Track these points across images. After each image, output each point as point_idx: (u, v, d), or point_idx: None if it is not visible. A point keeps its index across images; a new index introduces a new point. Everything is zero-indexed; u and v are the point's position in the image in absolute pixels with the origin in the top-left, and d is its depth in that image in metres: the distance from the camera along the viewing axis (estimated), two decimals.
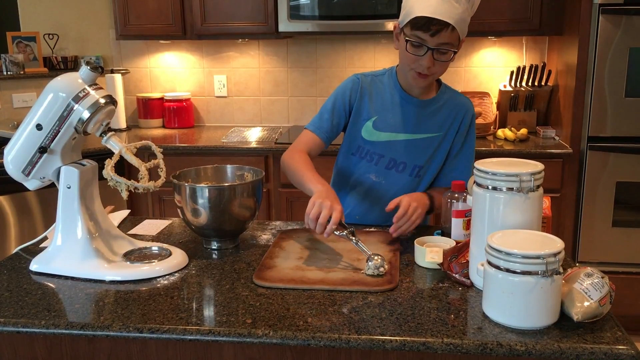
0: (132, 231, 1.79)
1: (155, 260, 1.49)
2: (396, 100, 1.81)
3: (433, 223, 2.04)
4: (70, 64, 3.83)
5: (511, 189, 1.25)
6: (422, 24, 1.60)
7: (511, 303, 1.16)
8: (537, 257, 1.13)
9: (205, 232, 1.62)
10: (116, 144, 1.47)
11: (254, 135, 3.48)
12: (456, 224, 1.58)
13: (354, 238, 1.52)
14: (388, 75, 1.85)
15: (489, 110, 3.50)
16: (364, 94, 1.83)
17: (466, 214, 1.55)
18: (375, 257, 1.43)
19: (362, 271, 1.44)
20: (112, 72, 3.76)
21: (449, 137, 1.82)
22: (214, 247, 1.64)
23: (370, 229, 1.79)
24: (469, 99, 1.88)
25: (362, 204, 1.88)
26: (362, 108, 1.83)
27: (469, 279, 1.37)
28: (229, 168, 1.78)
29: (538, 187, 1.27)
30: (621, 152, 2.98)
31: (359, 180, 1.86)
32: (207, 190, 1.56)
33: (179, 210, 1.62)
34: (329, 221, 1.47)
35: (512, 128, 3.35)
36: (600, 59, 2.92)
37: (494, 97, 3.60)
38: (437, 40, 1.61)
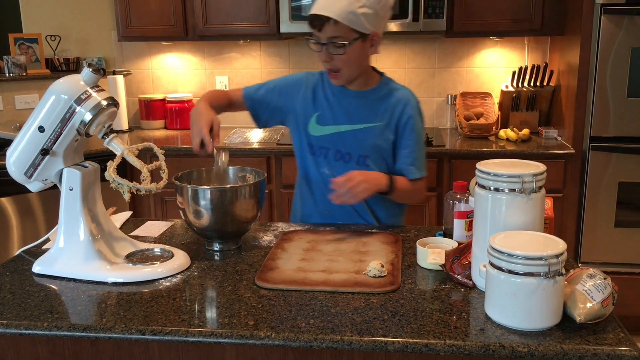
0: (134, 233, 1.79)
1: (158, 262, 1.49)
2: (336, 93, 1.86)
3: (435, 224, 2.04)
4: (72, 66, 3.84)
5: (513, 190, 1.25)
6: (310, 21, 1.72)
7: (513, 304, 1.16)
8: (540, 259, 1.13)
9: (207, 233, 1.62)
10: (118, 146, 1.47)
11: (255, 137, 3.48)
12: (458, 225, 1.58)
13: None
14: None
15: (491, 111, 3.49)
16: (306, 93, 1.88)
17: (468, 215, 1.55)
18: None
19: (364, 272, 1.44)
20: (114, 73, 3.77)
21: (391, 126, 1.85)
22: (216, 249, 1.64)
23: (372, 230, 1.79)
24: (410, 91, 1.91)
25: (325, 199, 1.87)
26: (306, 106, 1.87)
27: (471, 280, 1.37)
28: (231, 169, 1.78)
29: (540, 188, 1.27)
30: (623, 152, 2.97)
31: (315, 176, 1.90)
32: (209, 191, 1.56)
33: (181, 212, 1.62)
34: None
35: (514, 128, 3.35)
36: (602, 59, 2.92)
37: (496, 98, 3.60)
38: (325, 35, 1.70)
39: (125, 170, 2.99)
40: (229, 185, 1.70)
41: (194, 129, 1.71)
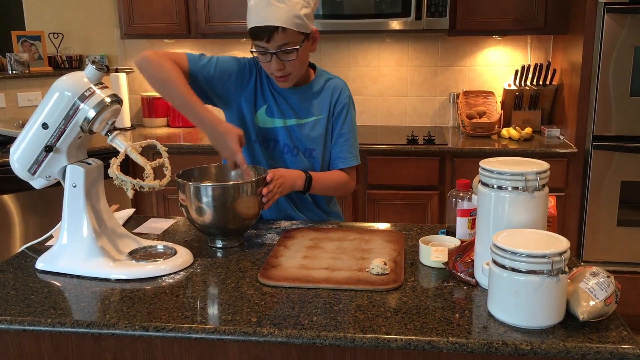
0: (137, 230, 1.80)
1: (161, 259, 1.50)
2: (278, 90, 1.86)
3: (438, 222, 2.04)
4: (74, 63, 3.84)
5: (516, 188, 1.25)
6: (255, 34, 1.69)
7: (516, 302, 1.16)
8: (543, 257, 1.13)
9: (209, 230, 1.63)
10: (121, 143, 1.48)
11: None
12: (461, 223, 1.58)
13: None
14: None
15: (493, 110, 3.49)
16: (254, 84, 1.85)
17: (471, 213, 1.55)
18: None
19: (367, 270, 1.44)
20: (116, 71, 3.77)
21: (331, 118, 1.89)
22: (218, 246, 1.64)
23: (373, 228, 1.79)
24: (343, 81, 1.94)
25: None
26: (255, 96, 1.85)
27: (474, 278, 1.37)
28: (234, 174, 1.78)
29: (543, 186, 1.27)
30: (626, 151, 2.97)
31: (266, 166, 1.85)
32: (211, 188, 1.56)
33: (183, 209, 1.62)
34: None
35: (517, 127, 3.35)
36: (605, 58, 2.91)
37: (499, 96, 3.59)
38: (274, 44, 1.68)
39: (128, 167, 2.99)
40: (231, 182, 1.70)
41: (225, 151, 1.67)
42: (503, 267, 1.17)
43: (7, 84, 3.54)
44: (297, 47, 1.70)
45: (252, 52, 1.75)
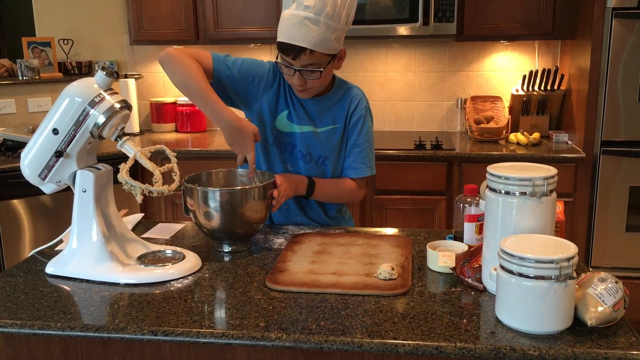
0: (146, 235, 1.81)
1: (169, 264, 1.50)
2: (298, 97, 1.86)
3: (445, 228, 2.04)
4: (84, 69, 3.87)
5: (524, 194, 1.25)
6: (283, 49, 1.68)
7: (524, 308, 1.16)
8: (551, 262, 1.13)
9: (217, 235, 1.63)
10: (131, 148, 1.49)
11: None
12: (469, 228, 1.58)
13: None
14: None
15: (501, 115, 3.49)
16: (277, 88, 1.85)
17: (479, 219, 1.55)
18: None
19: (374, 275, 1.44)
20: (125, 77, 3.80)
21: (347, 127, 1.89)
22: (226, 250, 1.65)
23: (381, 233, 1.79)
24: (361, 90, 1.94)
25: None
26: (276, 100, 1.86)
27: (481, 283, 1.37)
28: (240, 171, 1.79)
29: (551, 191, 1.27)
30: (635, 156, 2.96)
31: (281, 170, 1.89)
32: (219, 193, 1.57)
33: (190, 214, 1.63)
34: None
35: (525, 132, 3.34)
36: (614, 63, 2.91)
37: (506, 102, 3.59)
38: (300, 63, 1.68)
39: (137, 172, 3.01)
40: (238, 187, 1.71)
41: (239, 147, 1.69)
42: (511, 272, 1.17)
43: (17, 90, 3.57)
44: (322, 69, 1.70)
45: (276, 62, 1.76)
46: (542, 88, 3.43)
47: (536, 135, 3.27)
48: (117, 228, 1.57)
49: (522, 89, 3.50)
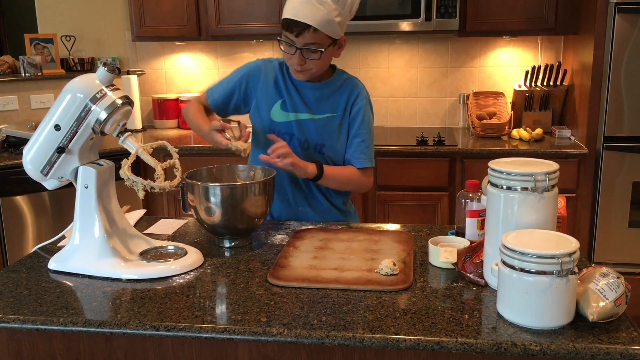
0: (148, 230, 1.81)
1: (171, 259, 1.51)
2: (296, 83, 1.89)
3: (447, 223, 2.04)
4: (86, 66, 3.87)
5: (526, 189, 1.25)
6: (287, 25, 1.72)
7: (526, 303, 1.16)
8: (552, 257, 1.13)
9: (218, 230, 1.64)
10: (133, 144, 1.49)
11: None
12: (470, 224, 1.57)
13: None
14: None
15: (504, 110, 3.48)
16: (267, 79, 1.90)
17: (480, 214, 1.55)
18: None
19: (376, 270, 1.44)
20: (128, 73, 3.80)
21: (346, 117, 1.91)
22: (227, 246, 1.65)
23: (383, 228, 1.79)
24: (361, 82, 1.98)
25: (285, 184, 1.94)
26: (268, 93, 1.90)
27: (483, 278, 1.37)
28: (241, 167, 1.80)
29: (553, 186, 1.27)
30: (638, 152, 2.95)
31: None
32: (219, 188, 1.57)
33: (192, 210, 1.63)
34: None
35: (527, 128, 3.34)
36: (616, 58, 2.90)
37: (509, 97, 3.58)
38: (302, 41, 1.72)
39: (139, 168, 3.02)
40: (239, 182, 1.71)
41: (206, 136, 1.84)
42: (512, 267, 1.17)
43: (20, 87, 3.57)
44: (322, 49, 1.74)
45: (279, 40, 1.79)
46: (545, 84, 3.42)
47: (539, 131, 3.26)
48: (119, 224, 1.57)
49: (525, 85, 3.49)
